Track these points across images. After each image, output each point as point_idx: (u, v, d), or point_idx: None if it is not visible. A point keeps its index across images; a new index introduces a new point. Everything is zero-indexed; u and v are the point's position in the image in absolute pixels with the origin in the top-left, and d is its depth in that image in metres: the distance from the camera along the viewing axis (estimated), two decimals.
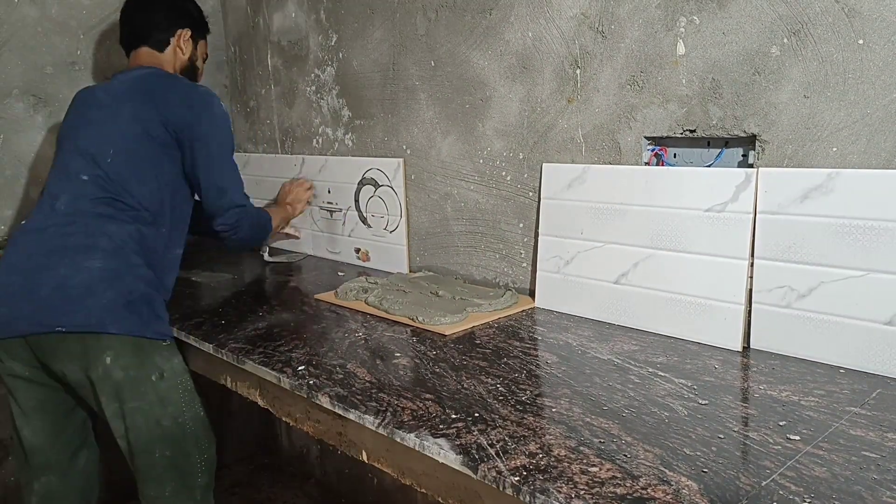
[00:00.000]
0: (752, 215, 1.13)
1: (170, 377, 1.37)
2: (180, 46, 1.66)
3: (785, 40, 1.10)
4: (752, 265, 1.14)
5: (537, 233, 1.48)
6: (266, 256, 2.02)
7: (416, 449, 0.86)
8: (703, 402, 0.94)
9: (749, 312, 1.15)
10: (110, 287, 1.32)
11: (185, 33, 1.66)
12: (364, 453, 1.02)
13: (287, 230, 2.03)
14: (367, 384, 1.04)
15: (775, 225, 1.11)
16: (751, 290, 1.15)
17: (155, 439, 1.36)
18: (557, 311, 1.41)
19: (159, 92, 1.49)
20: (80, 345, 1.30)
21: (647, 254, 1.26)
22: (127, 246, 1.38)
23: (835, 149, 1.07)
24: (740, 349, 1.14)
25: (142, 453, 1.37)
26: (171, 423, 1.37)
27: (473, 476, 0.78)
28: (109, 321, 1.30)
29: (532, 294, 1.51)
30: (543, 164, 1.45)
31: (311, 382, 1.06)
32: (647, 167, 1.30)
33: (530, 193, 1.51)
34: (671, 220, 1.23)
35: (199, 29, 1.73)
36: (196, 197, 1.59)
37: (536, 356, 1.15)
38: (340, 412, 0.98)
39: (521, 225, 1.54)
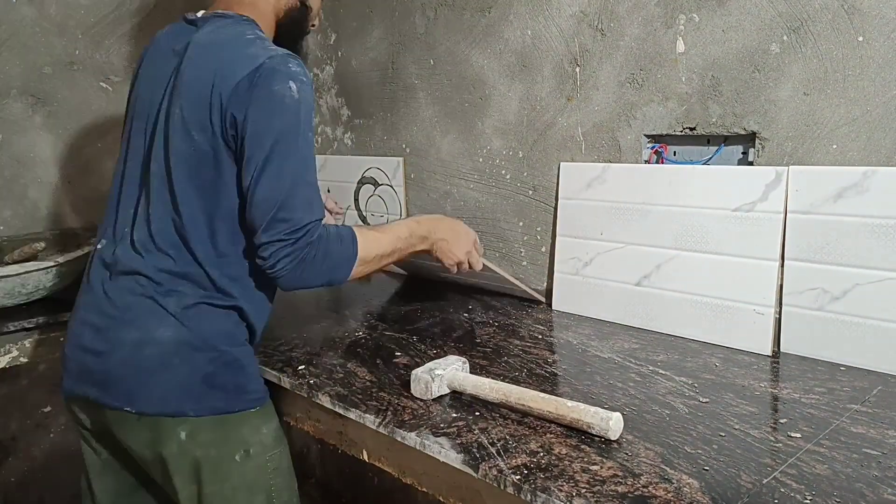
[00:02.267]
0: (782, 215, 1.10)
1: (257, 453, 1.06)
2: None
3: (785, 37, 1.10)
4: (782, 266, 1.11)
5: (555, 233, 1.48)
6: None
7: (417, 448, 0.86)
8: (704, 399, 0.94)
9: (779, 315, 1.13)
10: (185, 361, 1.02)
11: None
12: (365, 453, 1.02)
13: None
14: (368, 383, 1.04)
15: (807, 225, 1.08)
16: (781, 293, 1.12)
17: None
18: (576, 314, 1.37)
19: (207, 75, 1.01)
20: (148, 425, 1.03)
21: (671, 255, 1.23)
22: (205, 298, 1.05)
23: (835, 146, 1.07)
24: (770, 353, 1.12)
25: None
26: None
27: (474, 475, 0.78)
28: (187, 403, 1.02)
29: (547, 294, 1.51)
30: (562, 164, 1.42)
31: (311, 382, 1.06)
32: (672, 166, 1.28)
33: (530, 192, 1.51)
34: (697, 219, 1.19)
35: None
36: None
37: (537, 354, 1.15)
38: (341, 411, 0.98)
39: (521, 223, 1.54)
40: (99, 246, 1.11)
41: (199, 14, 1.12)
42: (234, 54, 1.03)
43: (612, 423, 0.82)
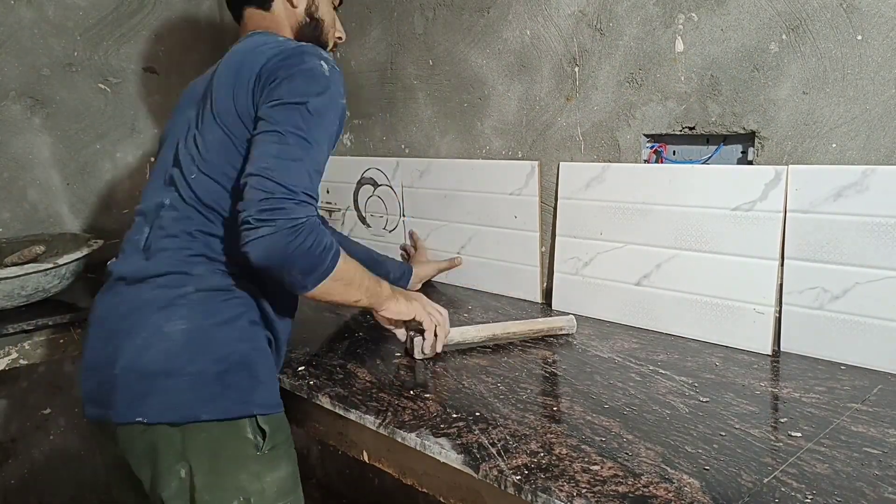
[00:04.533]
0: (782, 214, 1.10)
1: (259, 503, 0.96)
2: None
3: (784, 36, 1.10)
4: (781, 265, 1.11)
5: (554, 233, 1.48)
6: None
7: (418, 449, 0.86)
8: (704, 399, 0.94)
9: (779, 314, 1.13)
10: (197, 355, 0.95)
11: None
12: (365, 453, 1.02)
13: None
14: (368, 384, 1.04)
15: (807, 224, 1.08)
16: (781, 292, 1.12)
17: None
18: (576, 313, 1.36)
19: (239, 67, 1.03)
20: (153, 447, 0.95)
21: (671, 254, 1.23)
22: (221, 285, 1.00)
23: (834, 145, 1.07)
24: (770, 352, 1.12)
25: None
26: None
27: (475, 475, 0.78)
28: (200, 403, 0.94)
29: (545, 294, 1.51)
30: (561, 164, 1.42)
31: (311, 383, 1.06)
32: (672, 165, 1.28)
33: None
34: (697, 219, 1.19)
35: None
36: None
37: (536, 354, 1.15)
38: (341, 412, 0.98)
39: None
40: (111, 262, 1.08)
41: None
42: (264, 43, 1.05)
43: (574, 321, 1.22)
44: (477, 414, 0.91)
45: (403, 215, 1.79)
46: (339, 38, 1.29)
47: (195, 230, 1.01)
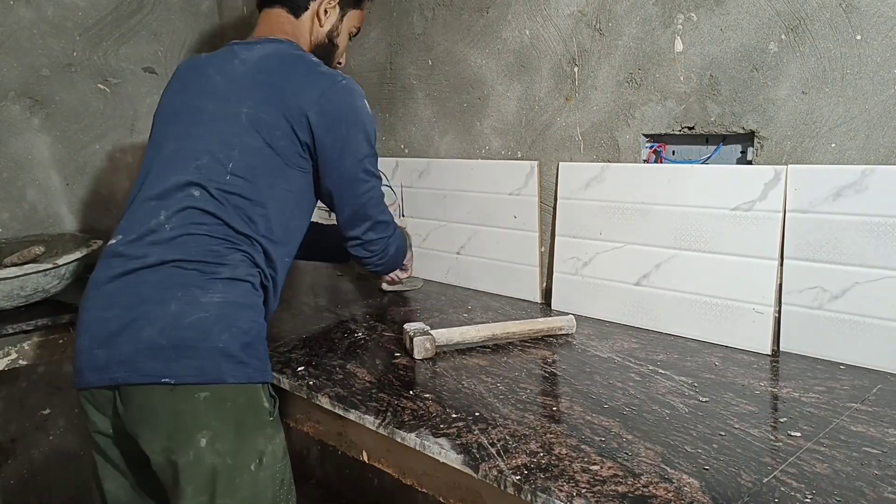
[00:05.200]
0: (781, 214, 1.10)
1: (269, 464, 1.05)
2: (319, 16, 1.30)
3: (783, 36, 1.10)
4: (781, 265, 1.11)
5: (554, 233, 1.48)
6: (385, 286, 1.63)
7: (417, 449, 0.86)
8: (704, 399, 0.94)
9: (778, 314, 1.13)
10: (227, 327, 1.03)
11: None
12: (364, 454, 1.02)
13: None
14: (367, 384, 1.04)
15: (806, 224, 1.08)
16: (780, 292, 1.12)
17: None
18: (576, 313, 1.36)
19: (280, 83, 1.16)
20: (175, 412, 1.00)
21: (671, 254, 1.23)
22: (247, 275, 1.10)
23: (833, 144, 1.07)
24: (769, 352, 1.12)
25: None
26: None
27: (474, 475, 0.78)
28: (227, 368, 1.01)
29: (544, 294, 1.51)
30: (560, 164, 1.42)
31: (310, 383, 1.06)
32: (671, 165, 1.28)
33: None
34: (696, 219, 1.19)
35: None
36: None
37: (536, 354, 1.15)
38: (340, 412, 0.98)
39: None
40: (114, 241, 1.11)
41: (248, 40, 1.25)
42: (308, 70, 1.17)
43: (573, 321, 1.23)
44: (476, 414, 0.91)
45: (403, 215, 1.79)
46: (340, 63, 1.42)
47: (230, 221, 1.10)
